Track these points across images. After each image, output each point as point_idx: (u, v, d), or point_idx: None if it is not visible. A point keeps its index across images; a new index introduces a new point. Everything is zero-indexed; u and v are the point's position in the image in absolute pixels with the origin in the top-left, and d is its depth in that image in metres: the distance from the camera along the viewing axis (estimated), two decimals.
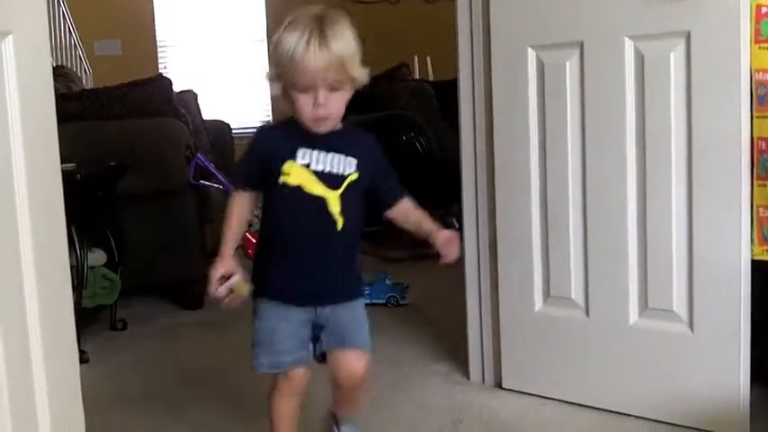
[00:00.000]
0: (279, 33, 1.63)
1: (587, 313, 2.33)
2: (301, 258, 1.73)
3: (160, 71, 7.44)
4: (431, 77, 6.47)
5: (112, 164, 3.37)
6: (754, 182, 2.04)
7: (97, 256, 3.25)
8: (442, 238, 1.80)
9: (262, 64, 7.75)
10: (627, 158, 2.20)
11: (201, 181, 3.71)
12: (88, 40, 7.21)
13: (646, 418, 2.24)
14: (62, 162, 1.59)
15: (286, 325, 1.76)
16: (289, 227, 1.71)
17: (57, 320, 1.51)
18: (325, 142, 1.69)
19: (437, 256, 1.80)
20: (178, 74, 7.31)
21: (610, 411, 2.31)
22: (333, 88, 1.63)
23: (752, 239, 2.06)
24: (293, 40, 1.59)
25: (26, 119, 1.41)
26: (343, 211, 1.70)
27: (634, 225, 2.22)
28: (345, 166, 1.71)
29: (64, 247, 1.58)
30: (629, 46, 2.16)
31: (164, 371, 2.92)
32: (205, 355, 3.11)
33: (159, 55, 7.74)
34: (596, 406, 2.33)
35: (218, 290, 1.69)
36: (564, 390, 2.40)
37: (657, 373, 2.22)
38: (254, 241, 3.62)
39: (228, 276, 1.70)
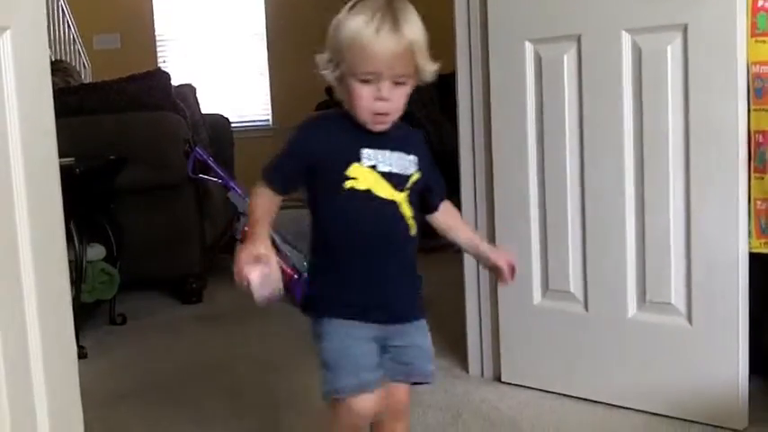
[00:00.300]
0: (340, 15, 1.48)
1: (586, 307, 2.34)
2: (375, 270, 1.54)
3: (159, 65, 7.43)
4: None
5: (111, 158, 3.38)
6: (752, 175, 2.04)
7: (96, 251, 3.26)
8: (504, 260, 1.67)
9: (261, 58, 7.75)
10: (624, 151, 2.20)
11: (200, 175, 3.71)
12: (87, 35, 7.20)
13: (644, 411, 2.24)
14: (61, 156, 1.59)
15: (362, 342, 1.55)
16: (360, 236, 1.53)
17: (55, 316, 1.51)
18: (385, 139, 1.53)
19: (496, 273, 1.68)
20: (177, 68, 7.30)
21: (608, 404, 2.31)
22: (397, 82, 1.47)
23: (749, 232, 2.06)
24: (360, 23, 1.43)
25: (24, 114, 1.41)
26: (413, 215, 1.56)
27: (632, 218, 2.22)
28: (408, 165, 1.56)
29: (62, 242, 1.58)
30: (626, 39, 2.16)
31: (163, 365, 2.92)
32: (205, 349, 3.11)
33: (158, 49, 7.74)
34: (595, 399, 2.33)
35: (250, 273, 1.41)
36: (563, 383, 2.41)
37: (656, 366, 2.22)
38: None
39: (263, 258, 1.46)
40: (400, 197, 1.54)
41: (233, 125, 5.63)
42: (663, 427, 2.17)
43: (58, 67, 4.76)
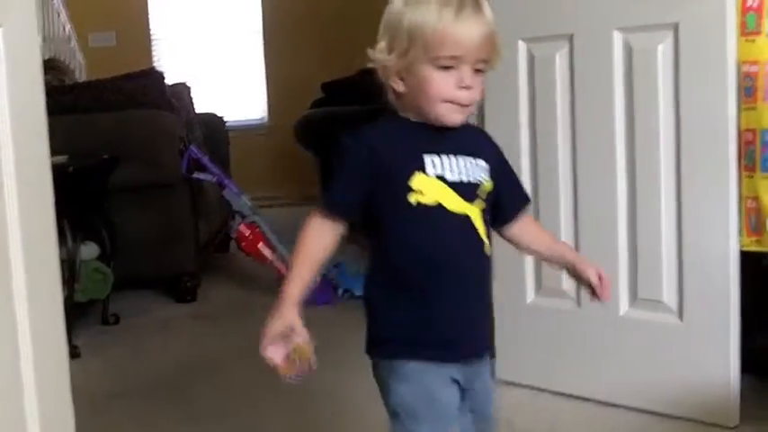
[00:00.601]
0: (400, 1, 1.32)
1: (579, 304, 2.34)
2: (452, 298, 1.33)
3: (154, 64, 7.42)
4: None
5: (105, 157, 3.37)
6: (742, 173, 2.05)
7: (90, 250, 3.25)
8: (596, 274, 1.44)
9: (257, 56, 7.75)
10: (616, 150, 2.21)
11: (195, 174, 3.72)
12: (83, 33, 7.19)
13: (637, 409, 2.25)
14: (55, 155, 1.59)
15: (447, 387, 1.34)
16: (433, 259, 1.32)
17: (46, 317, 1.51)
18: (450, 142, 1.34)
19: (585, 287, 1.46)
20: (172, 66, 7.30)
21: (601, 402, 2.31)
22: (477, 69, 1.30)
23: (740, 230, 2.07)
24: (437, 6, 1.27)
25: (15, 112, 1.41)
26: (486, 230, 1.37)
27: (624, 216, 2.23)
28: (478, 171, 1.36)
29: (54, 241, 1.58)
30: (617, 38, 2.18)
31: (157, 365, 2.92)
32: (199, 348, 3.11)
33: (153, 47, 7.73)
34: (588, 397, 2.34)
35: (273, 355, 1.29)
36: (556, 381, 2.41)
37: (648, 364, 2.23)
38: (248, 234, 3.66)
39: (288, 334, 1.28)
40: (473, 210, 1.34)
41: (228, 123, 5.63)
42: (655, 425, 2.18)
43: (52, 66, 4.76)
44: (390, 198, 1.31)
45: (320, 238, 1.33)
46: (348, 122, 5.14)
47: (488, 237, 1.37)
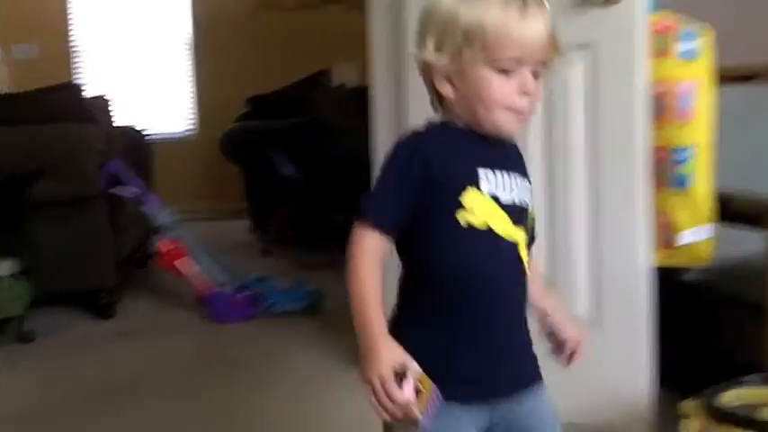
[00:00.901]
0: None
1: None
2: (496, 333, 1.21)
3: (77, 76, 7.31)
4: (355, 83, 6.47)
5: (26, 170, 3.30)
6: (654, 190, 2.10)
7: (5, 266, 3.17)
8: (576, 338, 1.39)
9: (185, 68, 7.68)
10: (533, 167, 2.23)
11: (116, 187, 3.66)
12: (6, 44, 7.05)
13: None
14: None
15: None
16: (470, 286, 1.19)
17: None
18: (502, 156, 1.24)
19: (555, 345, 1.39)
20: (97, 79, 7.20)
21: None
22: (536, 72, 1.20)
23: (653, 245, 2.12)
24: (497, 3, 1.17)
25: None
26: (528, 260, 1.25)
27: (541, 231, 2.23)
28: (526, 193, 1.26)
29: None
30: None
31: (74, 383, 2.84)
32: (117, 366, 3.05)
33: (76, 59, 7.59)
34: None
35: (408, 396, 1.07)
36: None
37: (563, 376, 2.22)
38: (167, 250, 3.60)
39: (403, 369, 1.09)
40: (520, 236, 1.23)
41: (155, 135, 5.57)
42: None
43: None
44: (436, 213, 1.19)
45: (377, 261, 1.18)
46: (274, 136, 5.15)
47: (529, 265, 1.25)
